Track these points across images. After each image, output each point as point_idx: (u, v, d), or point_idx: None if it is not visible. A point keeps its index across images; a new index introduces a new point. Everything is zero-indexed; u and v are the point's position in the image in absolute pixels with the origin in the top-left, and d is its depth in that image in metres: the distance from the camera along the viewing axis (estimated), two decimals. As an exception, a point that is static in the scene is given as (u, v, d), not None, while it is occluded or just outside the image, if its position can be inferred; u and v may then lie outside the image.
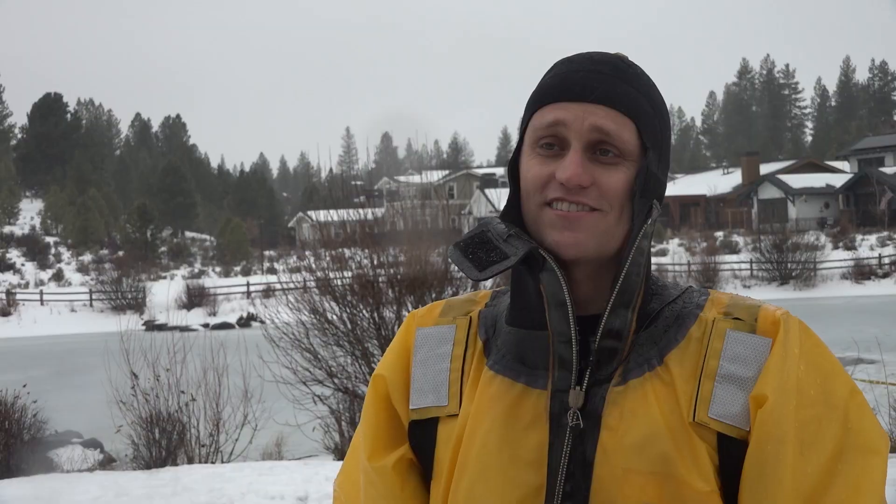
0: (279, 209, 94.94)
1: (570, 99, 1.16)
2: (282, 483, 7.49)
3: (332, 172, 14.64)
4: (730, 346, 1.14)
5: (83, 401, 12.69)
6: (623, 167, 1.15)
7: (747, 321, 1.15)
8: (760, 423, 1.09)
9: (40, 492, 7.68)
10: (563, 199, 1.14)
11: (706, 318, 1.17)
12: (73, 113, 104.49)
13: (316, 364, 9.80)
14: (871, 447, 1.10)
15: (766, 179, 60.34)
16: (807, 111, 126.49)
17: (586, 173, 1.14)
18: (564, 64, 1.21)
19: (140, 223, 61.54)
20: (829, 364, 1.14)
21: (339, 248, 10.47)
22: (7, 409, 9.30)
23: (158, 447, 9.35)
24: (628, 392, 1.13)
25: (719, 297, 1.21)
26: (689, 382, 1.13)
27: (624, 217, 1.16)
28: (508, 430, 1.16)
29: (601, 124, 1.14)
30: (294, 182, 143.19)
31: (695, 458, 1.10)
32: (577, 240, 1.14)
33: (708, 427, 1.10)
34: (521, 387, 1.18)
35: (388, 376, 1.29)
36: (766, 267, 37.03)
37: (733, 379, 1.12)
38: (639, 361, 1.15)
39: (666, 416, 1.11)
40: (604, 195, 1.14)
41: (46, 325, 36.14)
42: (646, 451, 1.10)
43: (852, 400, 1.12)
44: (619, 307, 1.14)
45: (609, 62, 1.19)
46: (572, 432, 1.13)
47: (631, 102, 1.16)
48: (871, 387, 10.20)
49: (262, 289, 33.40)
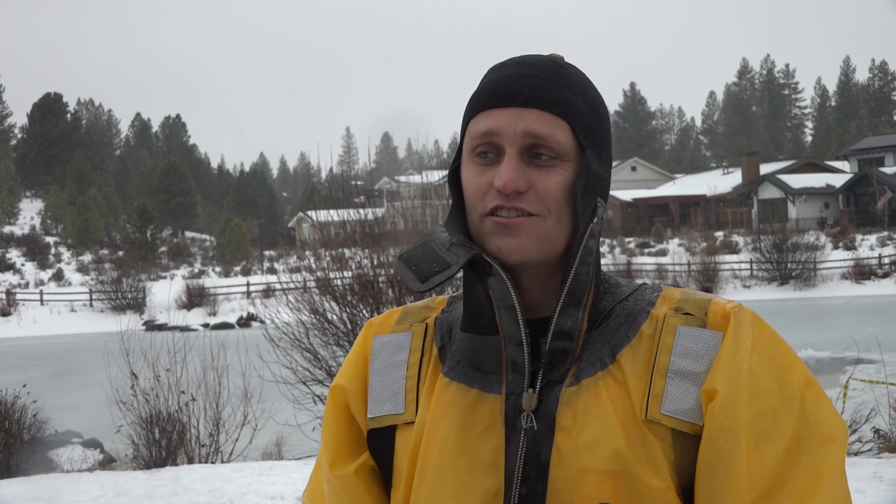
0: (279, 209, 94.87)
1: (500, 105, 1.15)
2: (282, 483, 7.49)
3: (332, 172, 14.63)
4: (681, 341, 1.13)
5: (83, 401, 12.69)
6: (560, 169, 1.15)
7: (697, 316, 1.15)
8: (711, 417, 1.08)
9: (40, 492, 7.68)
10: (502, 206, 1.14)
11: (657, 314, 1.16)
12: (73, 113, 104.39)
13: (316, 364, 9.80)
14: (828, 436, 1.10)
15: (766, 179, 60.34)
16: (807, 111, 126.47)
17: (522, 178, 1.13)
18: (496, 70, 1.20)
19: (140, 223, 61.49)
20: (784, 355, 1.13)
21: (339, 248, 10.47)
22: (7, 409, 9.30)
23: (158, 447, 9.35)
24: (581, 392, 1.13)
25: (671, 292, 1.20)
26: (641, 379, 1.12)
27: (565, 219, 1.15)
28: (465, 436, 1.16)
29: (533, 128, 1.14)
30: (294, 182, 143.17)
31: (649, 456, 1.09)
32: (518, 245, 1.14)
33: (661, 424, 1.10)
34: (475, 392, 1.18)
35: (347, 386, 1.29)
36: (766, 267, 37.02)
37: (685, 374, 1.11)
38: (591, 361, 1.15)
39: (619, 415, 1.11)
40: (542, 199, 1.14)
41: (46, 325, 36.14)
42: (599, 450, 1.10)
43: (808, 390, 1.12)
44: (569, 307, 1.14)
45: (540, 64, 1.18)
46: (526, 435, 1.13)
47: (563, 103, 1.15)
48: (872, 387, 10.19)
49: (262, 289, 33.43)
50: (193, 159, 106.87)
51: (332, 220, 11.11)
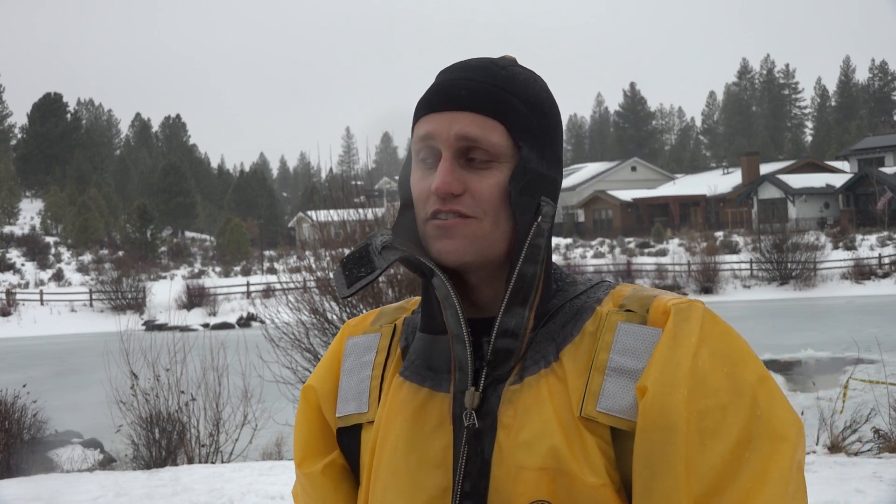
0: (279, 209, 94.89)
1: (437, 110, 1.17)
2: (282, 483, 7.49)
3: (332, 172, 14.62)
4: (620, 338, 1.13)
5: (83, 401, 12.70)
6: (496, 170, 1.15)
7: (639, 313, 1.14)
8: (642, 414, 1.08)
9: (40, 492, 7.68)
10: (440, 209, 1.15)
11: (602, 311, 1.16)
12: (73, 113, 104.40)
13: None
14: (779, 433, 1.08)
15: (766, 179, 60.34)
16: (807, 111, 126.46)
17: (456, 181, 1.14)
18: (440, 75, 1.22)
19: (140, 223, 61.49)
20: (737, 351, 1.12)
21: (339, 248, 10.47)
22: (7, 409, 9.31)
23: (158, 447, 9.36)
24: (523, 390, 1.14)
25: (621, 289, 1.20)
26: (580, 377, 1.12)
27: (504, 219, 1.16)
28: (415, 435, 1.18)
29: (465, 131, 1.14)
30: (294, 182, 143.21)
31: (585, 453, 1.09)
32: (455, 247, 1.15)
33: (596, 421, 1.10)
34: (426, 391, 1.20)
35: (318, 386, 1.32)
36: (766, 267, 37.01)
37: (623, 371, 1.11)
38: (535, 359, 1.15)
39: (558, 412, 1.11)
40: (477, 201, 1.14)
41: (46, 325, 36.12)
42: (536, 448, 1.11)
43: (761, 386, 1.10)
44: (514, 306, 1.15)
45: (479, 67, 1.19)
46: (468, 432, 1.15)
47: (497, 104, 1.16)
48: (872, 387, 10.19)
49: (262, 289, 33.43)
50: (193, 159, 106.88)
51: (332, 220, 11.12)
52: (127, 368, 9.47)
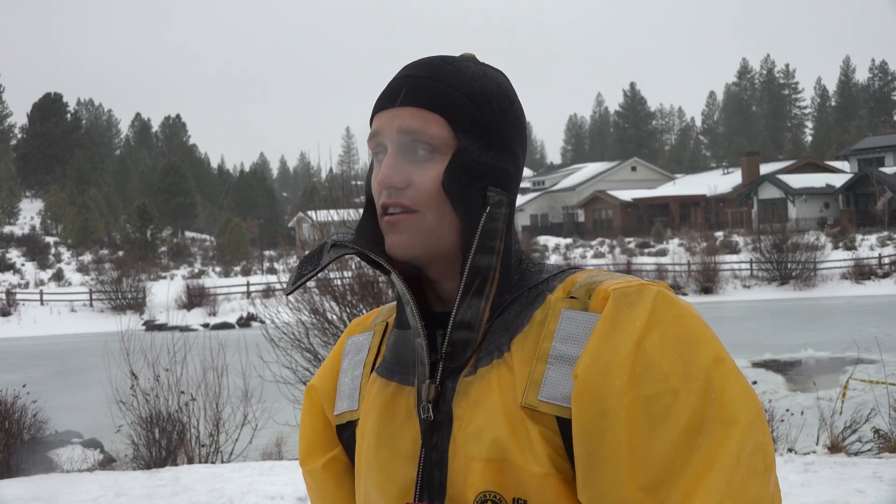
0: (279, 209, 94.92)
1: (383, 107, 1.20)
2: (282, 483, 7.49)
3: (332, 172, 14.59)
4: (563, 325, 1.12)
5: (83, 401, 12.70)
6: (438, 163, 1.16)
7: (581, 299, 1.13)
8: (574, 400, 1.07)
9: (40, 492, 7.68)
10: (387, 204, 1.17)
11: (551, 299, 1.15)
12: (73, 113, 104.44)
13: (316, 364, 9.80)
14: (730, 417, 1.04)
15: (766, 179, 60.35)
16: (807, 111, 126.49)
17: (399, 174, 1.16)
18: (395, 75, 1.24)
19: (140, 223, 61.49)
20: (692, 334, 1.08)
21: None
22: (7, 409, 9.30)
23: (158, 447, 9.35)
24: (476, 381, 1.14)
25: (575, 277, 1.18)
26: (526, 366, 1.12)
27: (447, 210, 1.16)
28: (386, 429, 1.21)
29: (405, 125, 1.16)
30: (294, 182, 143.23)
31: (529, 443, 1.09)
32: (402, 242, 1.16)
33: (538, 410, 1.09)
34: (394, 385, 1.22)
35: (319, 386, 1.35)
36: (766, 267, 37.00)
37: (564, 359, 1.10)
38: (489, 350, 1.15)
39: (505, 403, 1.11)
40: (420, 193, 1.16)
41: (46, 325, 36.11)
42: (483, 438, 1.11)
43: (715, 369, 1.06)
44: (470, 298, 1.16)
45: (424, 64, 1.21)
46: (424, 425, 1.16)
47: (436, 98, 1.17)
48: (872, 387, 10.19)
49: (262, 289, 33.43)
50: (193, 159, 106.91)
51: (332, 220, 11.11)
52: (127, 368, 9.47)
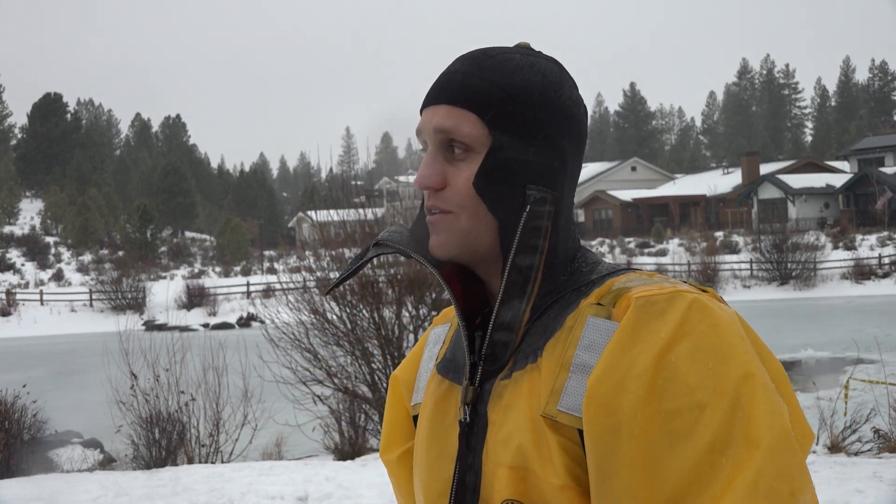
0: (279, 209, 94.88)
1: (426, 105, 1.18)
2: (282, 483, 7.49)
3: (332, 172, 14.62)
4: (587, 333, 1.08)
5: (83, 401, 12.71)
6: (472, 161, 1.14)
7: (607, 306, 1.09)
8: (585, 412, 1.03)
9: (40, 492, 7.68)
10: (427, 204, 1.17)
11: (583, 304, 1.11)
12: (73, 113, 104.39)
13: (316, 364, 9.80)
14: (752, 439, 0.97)
15: (766, 179, 60.34)
16: (807, 111, 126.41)
17: (435, 175, 1.15)
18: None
19: (140, 223, 61.46)
20: (724, 346, 1.02)
21: (339, 248, 10.47)
22: (7, 409, 9.30)
23: (158, 447, 9.36)
24: (510, 385, 1.12)
25: (614, 280, 1.12)
26: (551, 373, 1.09)
27: (482, 211, 1.14)
28: (437, 427, 1.20)
29: (439, 124, 1.14)
30: (294, 182, 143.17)
31: (548, 452, 1.06)
32: (440, 242, 1.15)
33: (557, 420, 1.06)
34: (447, 384, 1.22)
35: (401, 376, 1.35)
36: (766, 267, 37.00)
37: (584, 368, 1.06)
38: (526, 353, 1.12)
39: (531, 409, 1.09)
40: (455, 194, 1.14)
41: (46, 325, 36.12)
42: (509, 445, 1.09)
43: (745, 384, 1.00)
44: (511, 299, 1.13)
45: (467, 58, 1.18)
46: (461, 427, 1.15)
47: (470, 94, 1.14)
48: (872, 387, 10.20)
49: (262, 289, 33.43)
50: (193, 159, 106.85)
51: (331, 220, 11.11)
52: (127, 368, 9.48)
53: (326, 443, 9.77)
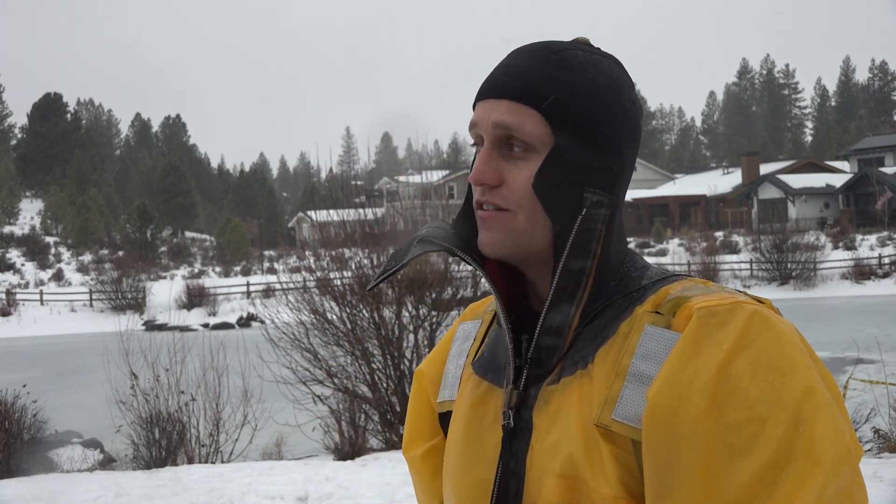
0: (279, 209, 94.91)
1: (482, 98, 1.15)
2: (282, 483, 7.49)
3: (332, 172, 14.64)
4: (644, 342, 1.05)
5: (83, 401, 12.71)
6: (533, 161, 1.11)
7: (666, 315, 1.06)
8: (646, 425, 1.01)
9: (40, 492, 7.69)
10: (480, 200, 1.13)
11: (638, 312, 1.09)
12: (73, 113, 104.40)
13: (316, 364, 9.81)
14: (815, 455, 0.96)
15: (766, 179, 60.34)
16: (807, 111, 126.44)
17: (492, 171, 1.12)
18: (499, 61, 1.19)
19: (140, 223, 61.48)
20: (785, 360, 1.00)
21: (339, 248, 10.48)
22: (7, 409, 9.30)
23: (158, 447, 9.36)
24: (558, 391, 1.10)
25: (670, 288, 1.10)
26: (605, 381, 1.06)
27: (539, 211, 1.11)
28: (474, 429, 1.18)
29: (499, 119, 1.11)
30: (294, 182, 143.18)
31: (601, 462, 1.04)
32: (492, 240, 1.12)
33: (611, 429, 1.03)
34: (486, 385, 1.19)
35: (426, 371, 1.33)
36: (766, 267, 37.02)
37: (641, 378, 1.04)
38: (575, 359, 1.10)
39: (582, 417, 1.06)
40: (512, 192, 1.11)
41: (46, 325, 36.14)
42: (558, 453, 1.07)
43: (807, 401, 0.98)
44: (560, 303, 1.11)
45: (526, 52, 1.15)
46: (504, 432, 1.13)
47: (533, 91, 1.11)
48: (872, 387, 10.20)
49: (262, 289, 33.43)
50: (193, 159, 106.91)
51: (331, 220, 11.12)
52: (127, 368, 9.48)
53: (326, 443, 9.77)
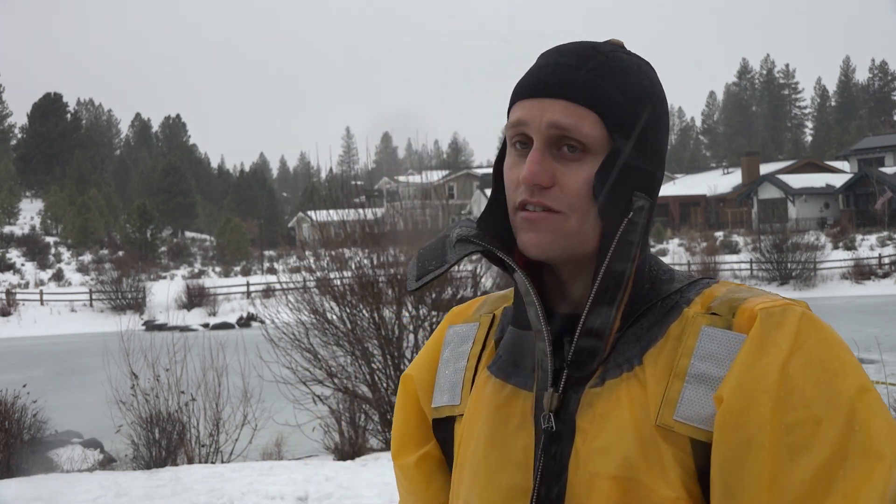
0: (279, 209, 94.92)
1: (530, 95, 1.13)
2: (282, 483, 7.49)
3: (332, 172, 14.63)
4: (703, 343, 1.07)
5: (83, 401, 12.70)
6: (587, 163, 1.10)
7: (724, 316, 1.08)
8: (718, 426, 1.02)
9: (40, 492, 7.69)
10: (528, 200, 1.11)
11: (689, 313, 1.10)
12: (73, 113, 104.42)
13: (316, 364, 9.81)
14: (876, 451, 0.99)
15: (766, 179, 60.35)
16: (807, 111, 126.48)
17: (545, 172, 1.10)
18: (538, 59, 1.17)
19: (140, 223, 61.49)
20: (836, 360, 1.03)
21: (339, 248, 10.48)
22: (7, 409, 9.30)
23: (158, 447, 9.36)
24: (603, 394, 1.09)
25: (714, 289, 1.12)
26: (660, 383, 1.07)
27: (594, 214, 1.11)
28: (498, 433, 1.16)
29: (556, 119, 1.10)
30: (294, 182, 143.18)
31: (660, 463, 1.04)
32: (540, 241, 1.11)
33: (673, 430, 1.04)
34: (510, 388, 1.17)
35: (416, 376, 1.30)
36: (766, 267, 37.03)
37: (704, 379, 1.05)
38: (619, 361, 1.10)
39: (636, 419, 1.06)
40: (565, 194, 1.10)
41: (46, 325, 36.14)
42: (611, 456, 1.06)
43: (860, 399, 1.01)
44: (601, 305, 1.10)
45: (575, 52, 1.14)
46: (545, 435, 1.11)
47: (591, 92, 1.10)
48: (871, 387, 10.19)
49: (262, 289, 33.43)
50: (193, 159, 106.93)
51: (331, 220, 11.12)
52: (127, 368, 9.48)
53: (326, 443, 9.77)
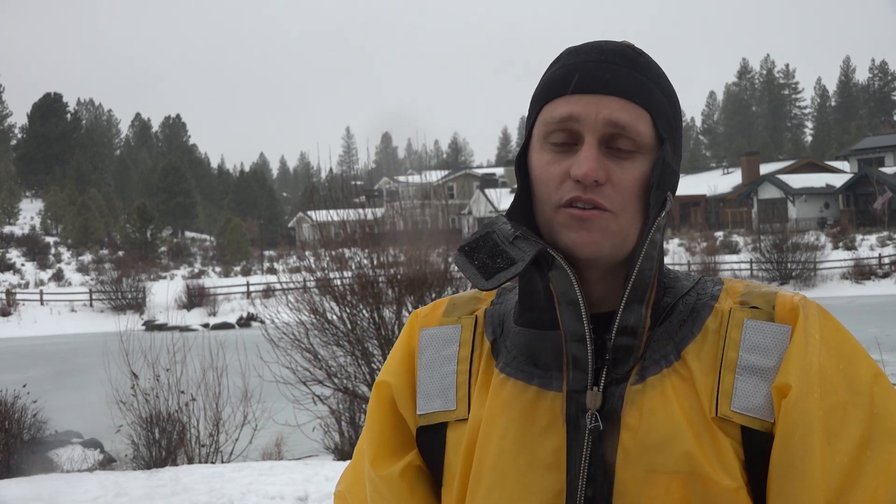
0: (279, 209, 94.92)
1: (581, 91, 1.11)
2: (282, 483, 7.49)
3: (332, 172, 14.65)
4: (748, 335, 1.10)
5: (83, 401, 12.70)
6: (639, 161, 1.11)
7: (764, 309, 1.12)
8: (785, 414, 1.06)
9: (40, 492, 7.68)
10: (579, 197, 1.09)
11: (722, 308, 1.13)
12: (73, 113, 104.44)
13: (316, 364, 9.81)
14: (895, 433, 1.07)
15: (766, 179, 60.33)
16: (807, 111, 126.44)
17: (602, 169, 1.09)
18: (572, 55, 1.16)
19: (140, 223, 61.52)
20: (850, 348, 1.10)
21: (339, 248, 10.47)
22: (7, 409, 9.30)
23: (158, 447, 9.36)
24: (647, 390, 1.10)
25: (734, 285, 1.17)
26: (708, 376, 1.10)
27: (638, 213, 1.12)
28: (524, 435, 1.13)
29: (616, 117, 1.10)
30: (294, 182, 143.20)
31: (719, 455, 1.07)
32: (592, 240, 1.10)
33: (731, 421, 1.08)
34: (534, 389, 1.15)
35: (393, 382, 1.25)
36: (766, 267, 36.99)
37: (754, 370, 1.09)
38: (655, 358, 1.12)
39: (687, 413, 1.08)
40: (618, 192, 1.10)
41: (46, 325, 36.14)
42: (668, 451, 1.07)
43: (877, 384, 1.08)
44: (632, 303, 1.11)
45: (619, 51, 1.15)
46: (591, 434, 1.10)
47: (644, 92, 1.12)
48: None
49: (262, 289, 33.43)
50: (193, 159, 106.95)
51: (331, 220, 11.12)
52: (127, 368, 9.48)
53: (326, 443, 9.77)
